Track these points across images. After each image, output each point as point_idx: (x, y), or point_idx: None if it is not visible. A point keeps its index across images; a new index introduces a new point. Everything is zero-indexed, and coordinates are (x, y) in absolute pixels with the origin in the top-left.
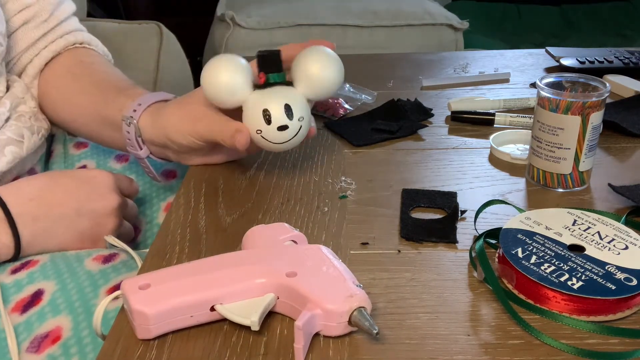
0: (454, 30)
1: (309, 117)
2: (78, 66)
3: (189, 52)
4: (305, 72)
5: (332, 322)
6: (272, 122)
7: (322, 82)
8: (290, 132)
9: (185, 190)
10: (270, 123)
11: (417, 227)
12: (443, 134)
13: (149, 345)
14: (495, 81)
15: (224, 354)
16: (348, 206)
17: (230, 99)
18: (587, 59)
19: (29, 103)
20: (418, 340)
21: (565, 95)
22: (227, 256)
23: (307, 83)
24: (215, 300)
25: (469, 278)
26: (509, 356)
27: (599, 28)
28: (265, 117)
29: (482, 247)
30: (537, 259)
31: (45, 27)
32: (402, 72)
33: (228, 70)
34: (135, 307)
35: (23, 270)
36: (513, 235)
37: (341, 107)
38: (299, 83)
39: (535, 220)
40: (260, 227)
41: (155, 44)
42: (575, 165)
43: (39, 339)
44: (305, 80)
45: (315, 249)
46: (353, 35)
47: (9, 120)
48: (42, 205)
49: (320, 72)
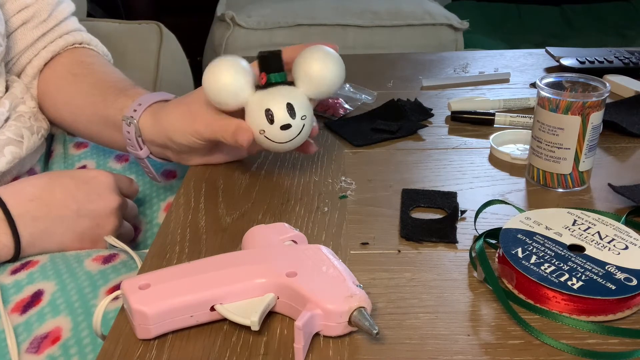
0: (454, 30)
1: (312, 115)
2: (78, 66)
3: (189, 52)
4: (306, 71)
5: (332, 322)
6: (274, 121)
7: (323, 80)
8: (293, 131)
9: (185, 190)
10: (273, 122)
11: (417, 227)
12: (443, 134)
13: (149, 345)
14: (495, 81)
15: (224, 354)
16: (348, 206)
17: (233, 101)
18: (587, 59)
19: (28, 103)
20: (418, 340)
21: (565, 95)
22: (227, 256)
23: (309, 82)
24: (215, 300)
25: (469, 278)
26: (509, 356)
27: (599, 28)
28: (267, 116)
29: (482, 247)
30: (537, 259)
31: (44, 28)
32: (402, 72)
33: (230, 72)
34: (135, 306)
35: (23, 270)
36: (513, 235)
37: (341, 107)
38: (300, 82)
39: (535, 220)
40: (260, 227)
41: (155, 44)
42: (575, 165)
43: (38, 340)
44: (307, 79)
45: (315, 249)
46: (353, 35)
47: (8, 120)
48: (42, 206)
49: (321, 70)
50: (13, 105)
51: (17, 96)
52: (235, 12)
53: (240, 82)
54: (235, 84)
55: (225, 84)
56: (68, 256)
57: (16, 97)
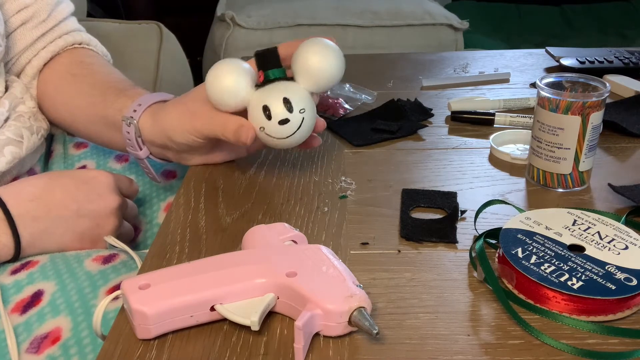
0: (454, 30)
1: (313, 109)
2: (77, 67)
3: (189, 52)
4: (304, 65)
5: (332, 322)
6: (272, 117)
7: (322, 72)
8: (292, 126)
9: (185, 190)
10: (271, 119)
11: (416, 227)
12: (443, 134)
13: (149, 345)
14: (495, 81)
15: (224, 354)
16: (348, 206)
17: (235, 102)
18: (587, 59)
19: (28, 103)
20: (418, 340)
21: (565, 95)
22: (227, 256)
23: (308, 75)
24: (215, 300)
25: (469, 278)
26: (509, 356)
27: (599, 28)
28: (265, 113)
29: (482, 247)
30: (537, 259)
31: (43, 28)
32: (402, 72)
33: (231, 74)
34: (135, 307)
35: (23, 270)
36: (513, 235)
37: (341, 107)
38: (299, 76)
39: (535, 221)
40: (260, 227)
41: (155, 44)
42: (575, 165)
43: (38, 340)
44: (306, 73)
45: (315, 249)
46: (353, 35)
47: (8, 120)
48: (41, 206)
49: (319, 62)
50: (13, 105)
51: (16, 96)
52: (235, 12)
53: (241, 84)
54: (237, 86)
55: (227, 87)
56: (68, 256)
57: (16, 97)
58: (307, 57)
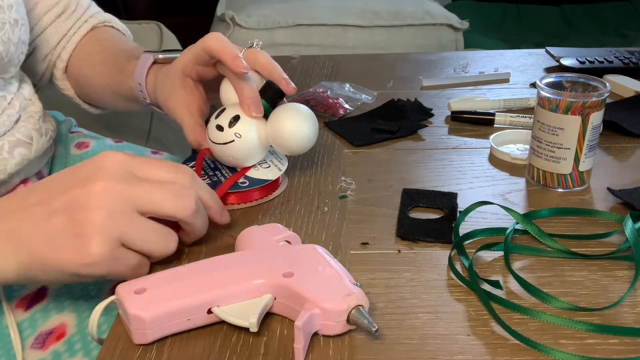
0: (454, 30)
1: (252, 147)
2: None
3: None
4: (275, 131)
5: (330, 321)
6: (218, 117)
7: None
8: (222, 136)
9: None
10: (217, 117)
11: (413, 227)
12: (443, 134)
13: (149, 346)
14: (495, 81)
15: (224, 354)
16: (348, 206)
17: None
18: (587, 59)
19: (37, 104)
20: (418, 340)
21: (565, 95)
22: (222, 258)
23: (274, 138)
24: (212, 302)
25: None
26: (509, 356)
27: (599, 28)
28: (220, 111)
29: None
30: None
31: (75, 17)
32: (402, 72)
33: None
34: (132, 311)
35: None
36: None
37: (341, 107)
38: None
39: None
40: (253, 228)
41: (155, 44)
42: (575, 165)
43: (43, 336)
44: (273, 136)
45: (310, 249)
46: (353, 35)
47: (18, 121)
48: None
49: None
50: (23, 106)
51: (25, 97)
52: (235, 12)
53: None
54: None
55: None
56: None
57: (25, 98)
58: (280, 126)
